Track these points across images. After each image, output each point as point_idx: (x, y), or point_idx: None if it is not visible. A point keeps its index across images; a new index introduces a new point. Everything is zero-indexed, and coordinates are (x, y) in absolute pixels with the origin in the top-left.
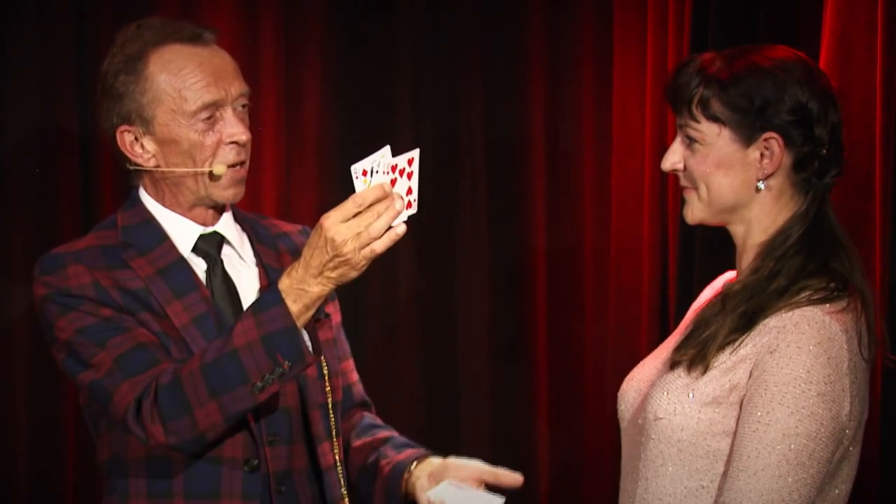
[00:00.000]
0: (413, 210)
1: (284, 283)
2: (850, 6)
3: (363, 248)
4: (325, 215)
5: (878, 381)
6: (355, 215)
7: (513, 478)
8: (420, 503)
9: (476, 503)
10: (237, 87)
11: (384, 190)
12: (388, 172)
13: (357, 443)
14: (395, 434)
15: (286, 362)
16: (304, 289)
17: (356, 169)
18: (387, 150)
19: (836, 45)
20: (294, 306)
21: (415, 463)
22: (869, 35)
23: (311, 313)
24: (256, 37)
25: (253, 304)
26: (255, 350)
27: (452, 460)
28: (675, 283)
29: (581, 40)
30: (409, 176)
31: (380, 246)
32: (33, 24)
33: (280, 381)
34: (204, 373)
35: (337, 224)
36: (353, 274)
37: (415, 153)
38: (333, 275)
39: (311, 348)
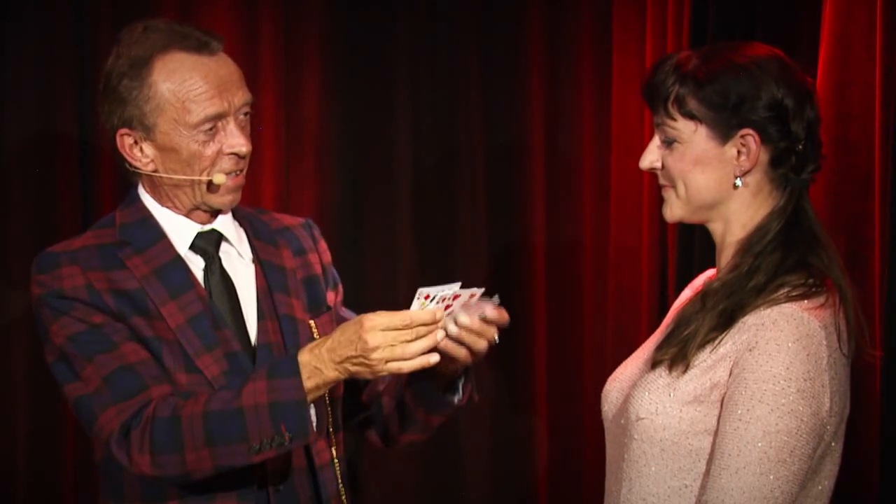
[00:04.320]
0: (442, 335)
1: (304, 358)
2: (848, 6)
3: (390, 362)
4: (370, 316)
5: (877, 378)
6: (398, 329)
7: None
8: (440, 342)
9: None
10: (241, 97)
11: (433, 317)
12: (443, 300)
13: (383, 385)
14: None
15: (288, 434)
16: (320, 369)
17: (421, 291)
18: (457, 286)
19: (835, 44)
20: (308, 382)
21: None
22: (868, 35)
23: (321, 393)
24: (256, 35)
25: (269, 366)
26: (261, 414)
27: None
28: (674, 282)
29: (580, 41)
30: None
31: (407, 367)
32: (33, 23)
33: (277, 449)
34: (205, 420)
35: (377, 330)
36: (370, 376)
37: (478, 291)
38: (353, 369)
39: (315, 424)
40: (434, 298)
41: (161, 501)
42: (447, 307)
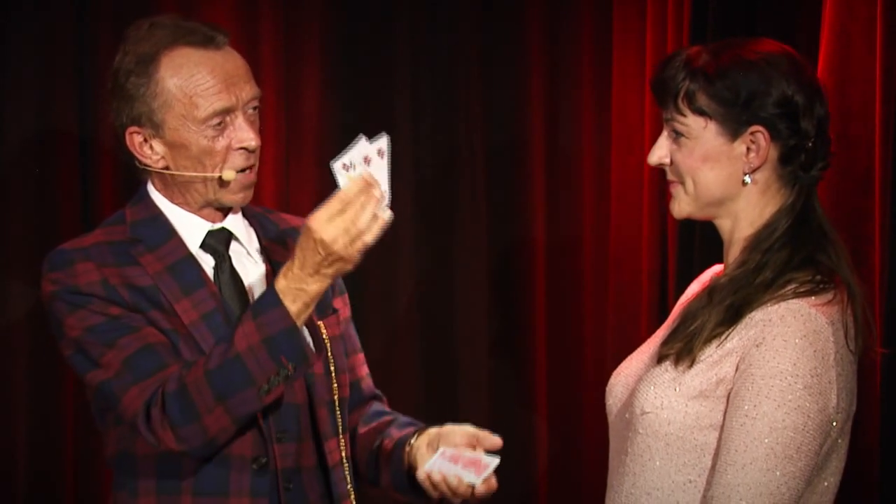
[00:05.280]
0: (386, 201)
1: (281, 284)
2: (849, 3)
3: (354, 242)
4: (312, 216)
5: (878, 376)
6: (341, 211)
7: (492, 440)
8: (419, 477)
9: (471, 466)
10: (248, 91)
11: (365, 181)
12: (364, 164)
13: (363, 430)
14: (400, 416)
15: (290, 364)
16: (302, 288)
17: (336, 165)
18: (363, 140)
19: (836, 40)
20: (293, 306)
21: (415, 436)
22: (868, 31)
23: (310, 311)
24: (256, 33)
25: (251, 306)
26: (259, 353)
27: (447, 427)
28: (675, 278)
29: (580, 38)
30: (381, 166)
31: (370, 237)
32: (33, 23)
33: (285, 382)
34: (209, 379)
35: (324, 224)
36: (349, 267)
37: (384, 144)
38: (330, 271)
39: (312, 346)
40: (353, 164)
41: (174, 495)
42: (367, 161)
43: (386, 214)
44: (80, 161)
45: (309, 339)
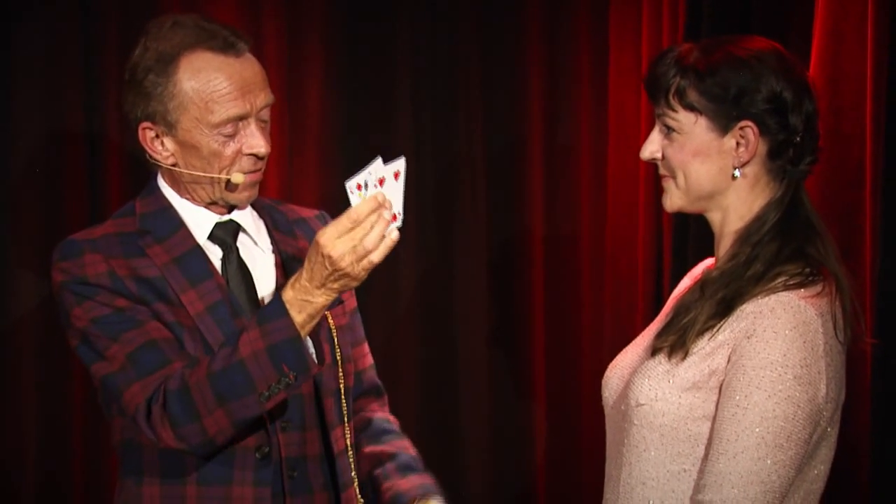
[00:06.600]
0: (398, 223)
1: (288, 295)
2: (841, 1)
3: (360, 260)
4: (321, 231)
5: (868, 366)
6: (350, 230)
7: None
8: None
9: None
10: (263, 98)
11: (376, 201)
12: (377, 185)
13: (367, 449)
14: (403, 447)
15: (291, 373)
16: (308, 300)
17: (350, 185)
18: (378, 162)
19: (828, 37)
20: (298, 317)
21: (414, 501)
22: (860, 29)
23: (315, 322)
24: (259, 29)
25: (258, 313)
26: (261, 360)
27: None
28: (670, 271)
29: (578, 35)
30: (396, 188)
31: (377, 257)
32: (39, 21)
33: (286, 390)
34: (211, 381)
35: (333, 240)
36: (355, 284)
37: (400, 166)
38: (336, 286)
39: (315, 357)
40: (367, 185)
41: (178, 483)
42: (381, 182)
43: (394, 235)
44: (88, 159)
45: (312, 350)
